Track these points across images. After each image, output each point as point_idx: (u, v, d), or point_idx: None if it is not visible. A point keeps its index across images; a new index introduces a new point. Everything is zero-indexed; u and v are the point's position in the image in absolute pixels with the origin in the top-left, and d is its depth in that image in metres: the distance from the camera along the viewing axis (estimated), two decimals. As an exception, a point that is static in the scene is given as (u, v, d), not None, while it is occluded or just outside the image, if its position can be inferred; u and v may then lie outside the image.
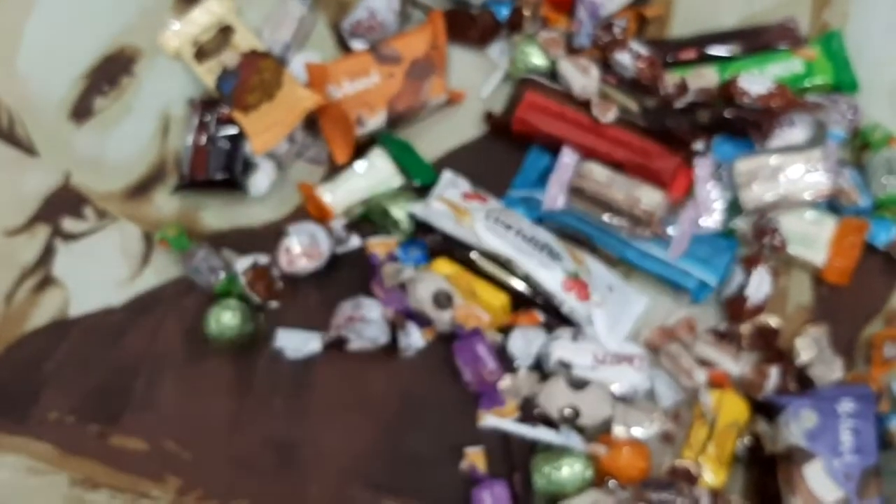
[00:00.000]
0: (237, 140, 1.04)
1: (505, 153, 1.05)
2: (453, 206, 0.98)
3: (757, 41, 1.05)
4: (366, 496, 0.95)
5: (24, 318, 1.03)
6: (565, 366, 0.93)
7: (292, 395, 0.99)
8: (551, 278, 0.94)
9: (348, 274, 1.01)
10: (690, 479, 0.88)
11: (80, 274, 1.05)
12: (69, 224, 1.07)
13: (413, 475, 0.96)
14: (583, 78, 1.00)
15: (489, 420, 0.93)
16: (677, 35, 1.08)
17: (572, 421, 0.91)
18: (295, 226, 1.00)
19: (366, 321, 0.97)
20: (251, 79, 1.03)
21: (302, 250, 1.00)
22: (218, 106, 1.05)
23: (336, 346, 0.98)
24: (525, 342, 0.96)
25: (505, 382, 0.93)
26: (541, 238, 0.96)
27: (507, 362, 0.96)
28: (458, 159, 1.06)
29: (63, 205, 1.07)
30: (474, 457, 0.94)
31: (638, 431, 0.91)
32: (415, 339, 0.98)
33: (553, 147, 1.01)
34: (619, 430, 0.91)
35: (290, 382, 0.99)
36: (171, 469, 0.98)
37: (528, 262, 0.95)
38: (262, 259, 1.00)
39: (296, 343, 0.98)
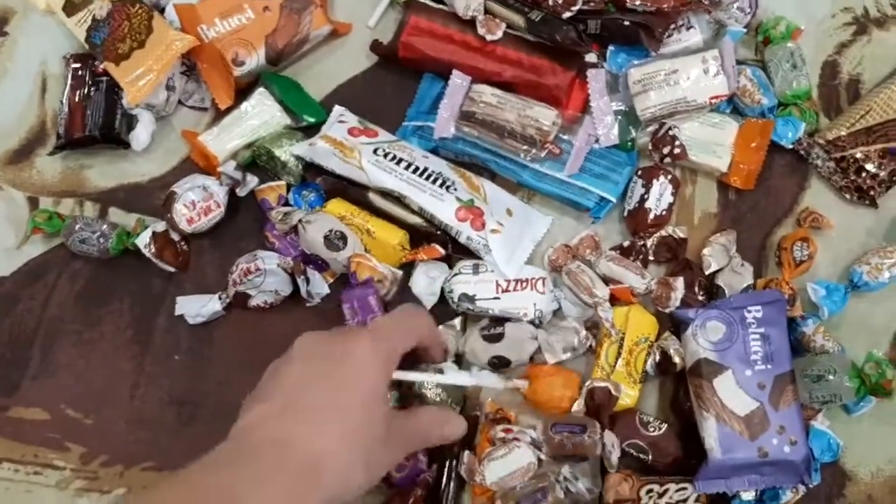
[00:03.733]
0: (113, 93, 0.94)
1: (399, 83, 0.96)
2: (339, 143, 0.88)
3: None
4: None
5: (-89, 295, 0.94)
6: (469, 298, 0.84)
7: (193, 353, 0.91)
8: (444, 209, 0.85)
9: (251, 220, 0.93)
10: (609, 398, 0.79)
11: (-33, 246, 0.96)
12: (-49, 195, 0.97)
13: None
14: (466, -5, 0.90)
15: (398, 375, 0.83)
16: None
17: (505, 367, 0.83)
18: (182, 183, 0.91)
19: (263, 273, 0.88)
20: (121, 27, 0.93)
21: (198, 205, 0.90)
22: (92, 59, 0.95)
23: (238, 303, 0.89)
24: (427, 280, 0.87)
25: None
26: (433, 168, 0.87)
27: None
28: (350, 93, 0.97)
29: (-58, 176, 0.98)
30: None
31: (567, 354, 0.83)
32: (317, 285, 0.89)
33: (445, 72, 0.92)
34: (549, 359, 0.83)
35: (189, 340, 0.91)
36: (74, 437, 0.90)
37: (418, 195, 0.86)
38: (159, 226, 0.91)
39: (196, 308, 0.90)
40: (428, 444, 0.74)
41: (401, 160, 0.87)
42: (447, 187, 0.86)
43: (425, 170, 0.87)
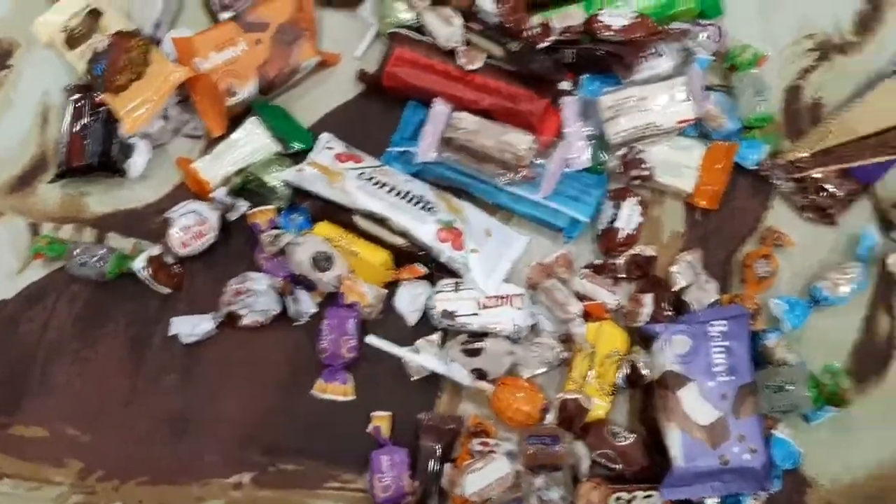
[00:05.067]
0: (111, 123, 0.97)
1: (384, 111, 0.98)
2: (325, 169, 0.91)
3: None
4: (263, 460, 0.90)
5: (-83, 319, 0.97)
6: (449, 315, 0.87)
7: (185, 370, 0.93)
8: (425, 231, 0.88)
9: (242, 242, 0.95)
10: (580, 410, 0.81)
11: (-29, 272, 0.98)
12: (-45, 222, 1.00)
13: (309, 437, 0.90)
14: (446, 28, 0.93)
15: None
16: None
17: (483, 379, 0.86)
18: (176, 209, 0.93)
19: (254, 294, 0.90)
20: (120, 59, 0.95)
21: (192, 230, 0.92)
22: (92, 91, 0.98)
23: (230, 323, 0.91)
24: (410, 298, 0.90)
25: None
26: (415, 192, 0.90)
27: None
28: (337, 121, 0.99)
29: (-52, 203, 1.01)
30: (379, 420, 0.87)
31: (542, 369, 0.85)
32: (305, 305, 0.92)
33: (427, 101, 0.95)
34: (525, 373, 0.85)
35: (182, 358, 0.93)
36: (72, 453, 0.92)
37: (401, 217, 0.88)
38: (155, 250, 0.94)
39: (189, 327, 0.92)
40: None
41: (384, 184, 0.90)
42: (429, 209, 0.89)
43: (408, 193, 0.90)
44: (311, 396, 0.90)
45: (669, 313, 0.86)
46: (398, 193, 0.90)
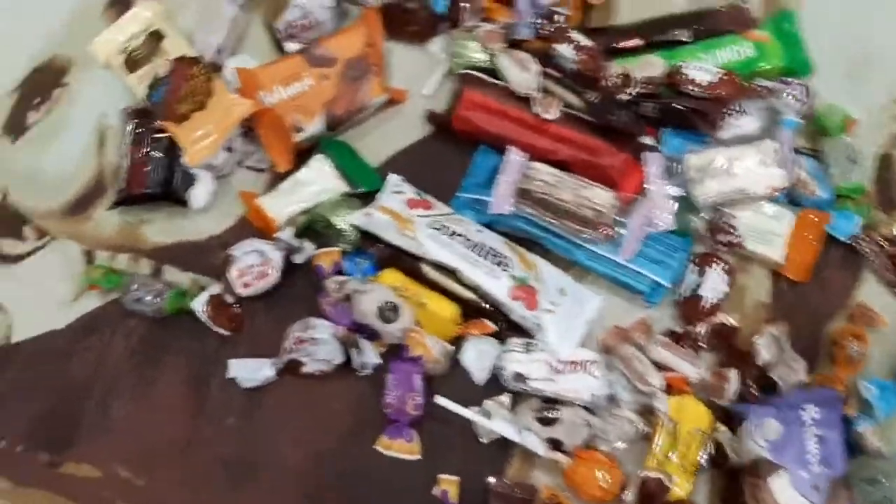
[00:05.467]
0: (174, 151, 0.94)
1: (453, 153, 0.95)
2: (395, 214, 0.88)
3: (706, 26, 0.94)
4: (320, 512, 0.86)
5: (-35, 347, 0.93)
6: (521, 378, 0.84)
7: (245, 415, 0.89)
8: (498, 287, 0.84)
9: (305, 285, 0.92)
10: (661, 489, 0.78)
11: (22, 297, 0.95)
12: (8, 246, 0.98)
13: (369, 491, 0.87)
14: (522, 73, 0.89)
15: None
16: (624, 22, 0.97)
17: (557, 448, 0.82)
18: (239, 246, 0.90)
19: (316, 342, 0.87)
20: (182, 87, 0.92)
21: (254, 270, 0.89)
22: (151, 116, 0.94)
23: (291, 370, 0.88)
24: (478, 355, 0.87)
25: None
26: (488, 244, 0.87)
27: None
28: (405, 161, 0.96)
29: (1, 226, 0.97)
30: (447, 483, 0.84)
31: (621, 444, 0.82)
32: (369, 356, 0.88)
33: (499, 146, 0.91)
34: (604, 447, 0.82)
35: (242, 402, 0.90)
36: (124, 496, 0.88)
37: (473, 271, 0.85)
38: (215, 289, 0.90)
39: (248, 372, 0.89)
40: None
41: (456, 233, 0.87)
42: (502, 265, 0.85)
43: (481, 245, 0.86)
44: (373, 450, 0.87)
45: (755, 392, 0.83)
46: (470, 245, 0.86)
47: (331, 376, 0.89)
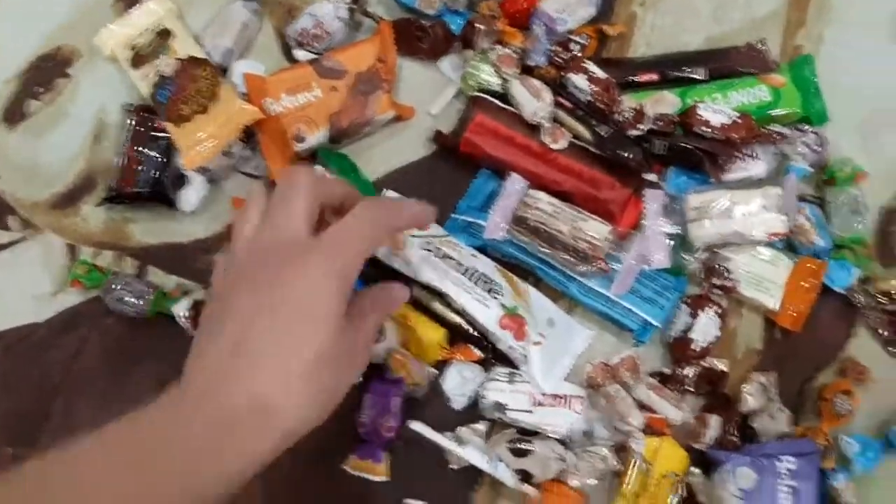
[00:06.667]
0: (170, 151, 1.00)
1: (453, 174, 1.01)
2: (389, 233, 0.94)
3: (722, 65, 1.00)
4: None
5: (-58, 335, 0.99)
6: (500, 408, 0.90)
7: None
8: (487, 315, 0.90)
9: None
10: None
11: (3, 288, 1.02)
12: (-7, 235, 1.03)
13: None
14: (535, 102, 0.96)
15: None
16: (639, 55, 1.04)
17: (527, 480, 0.89)
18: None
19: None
20: (187, 88, 0.99)
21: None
22: (153, 114, 1.01)
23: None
24: (460, 381, 0.93)
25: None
26: (480, 270, 0.93)
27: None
28: (404, 178, 1.02)
29: (-12, 214, 1.04)
30: None
31: (592, 479, 0.88)
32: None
33: (501, 171, 0.98)
34: (574, 482, 0.88)
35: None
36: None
37: (462, 296, 0.91)
38: (199, 295, 0.96)
39: None
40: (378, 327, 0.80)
41: (448, 256, 0.93)
42: (493, 292, 0.92)
43: (473, 270, 0.93)
44: (341, 470, 0.92)
45: (734, 438, 0.89)
46: (462, 269, 0.93)
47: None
